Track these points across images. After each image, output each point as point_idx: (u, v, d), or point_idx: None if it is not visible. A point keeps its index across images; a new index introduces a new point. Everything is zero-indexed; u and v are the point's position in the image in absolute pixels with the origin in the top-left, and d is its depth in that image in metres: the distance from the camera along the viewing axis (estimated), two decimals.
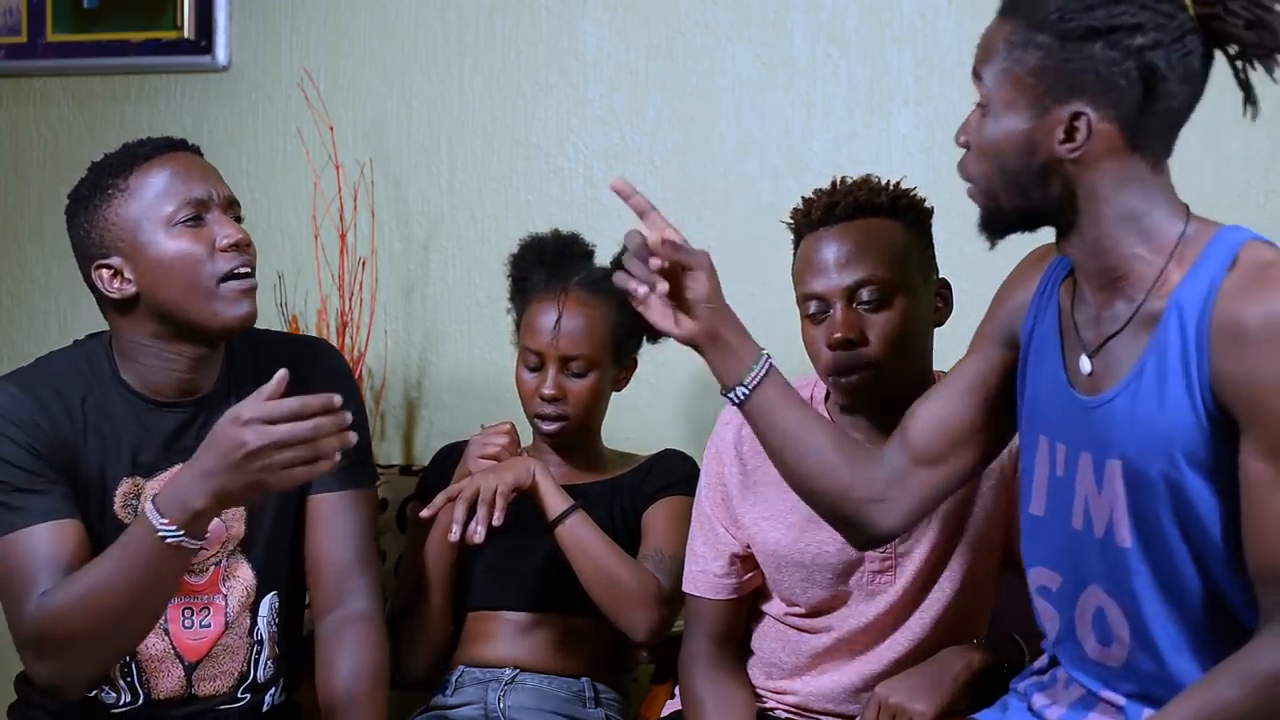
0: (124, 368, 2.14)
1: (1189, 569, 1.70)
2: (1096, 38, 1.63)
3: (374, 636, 2.20)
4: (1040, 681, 1.89)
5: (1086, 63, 1.64)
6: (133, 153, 2.12)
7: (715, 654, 2.28)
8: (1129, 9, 1.62)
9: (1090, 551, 1.77)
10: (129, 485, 2.13)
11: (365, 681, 2.17)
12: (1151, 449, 1.68)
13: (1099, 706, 1.80)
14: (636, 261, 1.87)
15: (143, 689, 2.17)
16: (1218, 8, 1.63)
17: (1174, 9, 1.63)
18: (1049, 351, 1.82)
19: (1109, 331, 1.74)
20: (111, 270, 2.09)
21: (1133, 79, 1.63)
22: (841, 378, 2.12)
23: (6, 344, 3.26)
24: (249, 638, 2.21)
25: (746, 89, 2.85)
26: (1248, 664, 1.63)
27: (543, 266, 2.52)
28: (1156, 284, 1.70)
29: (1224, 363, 1.64)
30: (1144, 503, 1.70)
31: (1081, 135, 1.66)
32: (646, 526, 2.46)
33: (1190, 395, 1.66)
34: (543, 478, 2.37)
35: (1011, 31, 1.68)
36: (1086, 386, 1.76)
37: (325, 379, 2.22)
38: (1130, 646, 1.76)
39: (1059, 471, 1.80)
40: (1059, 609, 1.85)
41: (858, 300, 2.10)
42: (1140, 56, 1.62)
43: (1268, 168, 2.61)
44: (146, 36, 3.12)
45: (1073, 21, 1.63)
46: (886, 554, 2.17)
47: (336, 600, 2.20)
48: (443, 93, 3.01)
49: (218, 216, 2.10)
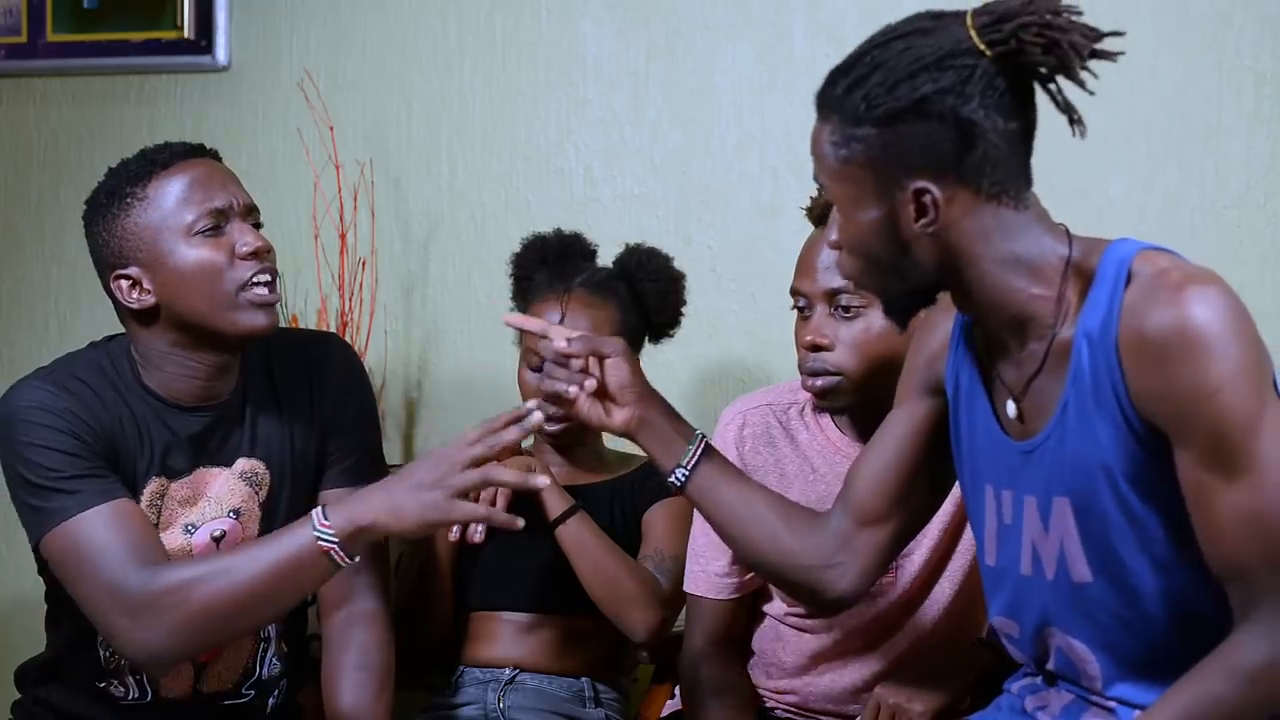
0: (145, 372, 2.13)
1: (1154, 587, 1.69)
2: (907, 115, 1.62)
3: (381, 635, 2.20)
4: (1033, 684, 1.89)
5: (908, 141, 1.63)
6: (151, 160, 2.08)
7: (716, 654, 2.27)
8: (928, 76, 1.62)
9: (1043, 594, 1.77)
10: (156, 485, 2.12)
11: (372, 681, 2.17)
12: (1092, 480, 1.67)
13: (1091, 710, 1.80)
14: (558, 368, 1.91)
15: (151, 687, 2.17)
16: (1011, 43, 1.62)
17: (973, 58, 1.62)
18: (977, 401, 1.80)
19: (1029, 372, 1.72)
20: (130, 281, 2.07)
21: (956, 139, 1.62)
22: (808, 378, 2.13)
23: (6, 344, 3.26)
24: (256, 634, 2.21)
25: (746, 89, 2.85)
26: (1230, 658, 1.62)
27: (545, 266, 2.52)
28: (1060, 315, 1.68)
29: (1140, 380, 1.62)
30: (1097, 534, 1.69)
31: (931, 209, 1.65)
32: (647, 527, 2.46)
33: (1115, 419, 1.64)
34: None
35: (831, 132, 1.68)
36: (1018, 431, 1.75)
37: (339, 375, 2.23)
38: (1104, 675, 1.76)
39: (1005, 519, 1.78)
40: (1024, 651, 1.86)
41: (836, 305, 2.10)
42: (955, 115, 1.62)
43: (1268, 168, 2.61)
44: (146, 36, 3.12)
45: (881, 107, 1.63)
46: None
47: (345, 597, 2.20)
48: (443, 93, 3.01)
49: (238, 224, 2.08)
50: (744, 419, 2.26)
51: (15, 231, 3.27)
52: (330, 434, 2.21)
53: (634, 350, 2.53)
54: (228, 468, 2.15)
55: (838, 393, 2.12)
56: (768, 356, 2.72)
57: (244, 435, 2.16)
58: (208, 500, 2.14)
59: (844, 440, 2.20)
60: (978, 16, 1.64)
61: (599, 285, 2.47)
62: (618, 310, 2.46)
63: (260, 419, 2.17)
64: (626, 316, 2.47)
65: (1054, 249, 1.69)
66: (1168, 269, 1.63)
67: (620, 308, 2.47)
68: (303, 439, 2.19)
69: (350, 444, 2.22)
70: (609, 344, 1.91)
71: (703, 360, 2.87)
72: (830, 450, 2.21)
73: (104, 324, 2.84)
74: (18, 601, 3.07)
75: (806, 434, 2.23)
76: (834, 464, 2.20)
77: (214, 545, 2.14)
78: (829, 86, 1.69)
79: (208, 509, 2.14)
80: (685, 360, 2.86)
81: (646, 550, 2.43)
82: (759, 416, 2.25)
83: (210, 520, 2.14)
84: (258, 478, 2.17)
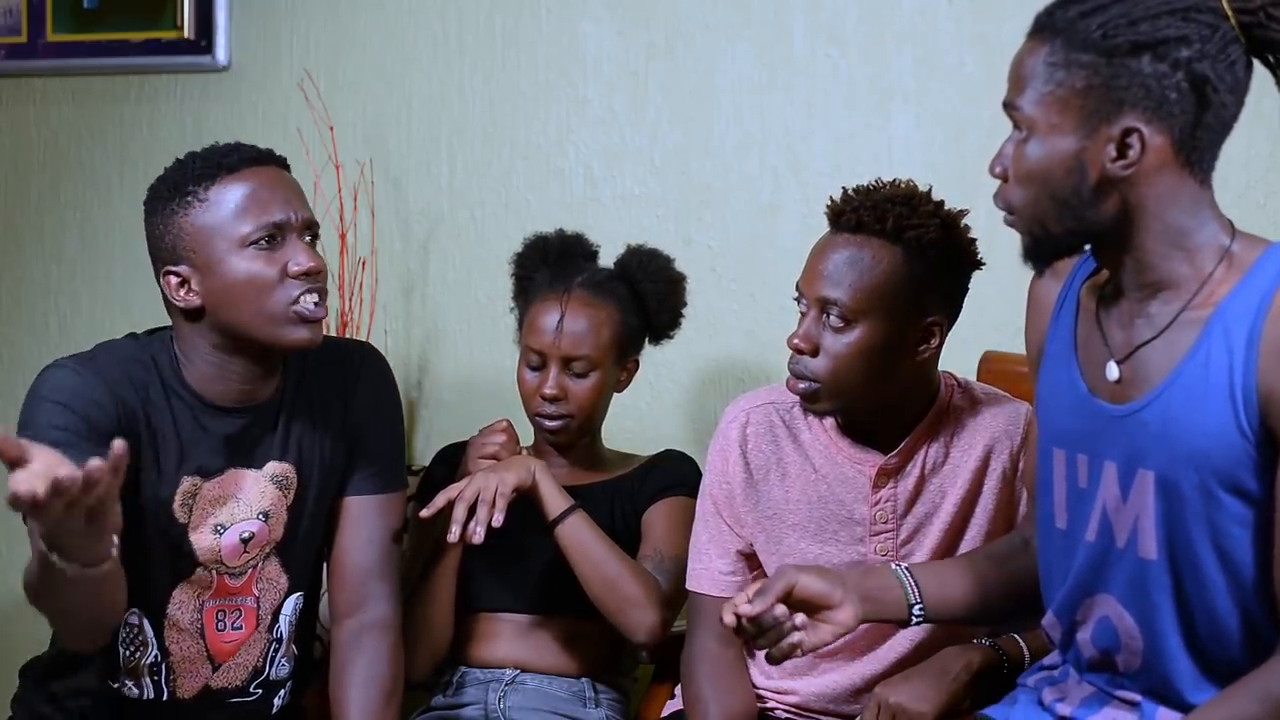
0: (186, 370, 2.12)
1: (1217, 584, 1.68)
2: (1144, 52, 1.59)
3: (392, 646, 2.22)
4: (1050, 676, 1.88)
5: (1135, 78, 1.60)
6: (218, 162, 2.06)
7: (718, 653, 2.27)
8: (1173, 22, 1.59)
9: (1106, 562, 1.75)
10: (189, 484, 2.12)
11: (380, 691, 2.18)
12: (1184, 461, 1.65)
13: (1113, 702, 1.79)
14: (770, 631, 1.84)
15: (168, 687, 2.18)
16: (1259, 15, 1.61)
17: (1216, 19, 1.60)
18: (1062, 360, 1.79)
19: (1142, 337, 1.70)
20: (179, 279, 2.06)
21: (1184, 92, 1.60)
22: (791, 378, 2.13)
23: (6, 344, 3.26)
24: (269, 634, 2.22)
25: (746, 89, 2.85)
26: (1267, 683, 1.61)
27: (546, 266, 2.52)
28: (1200, 292, 1.66)
29: (1273, 377, 1.60)
30: (1175, 515, 1.68)
31: (1134, 151, 1.62)
32: (647, 527, 2.46)
33: (1234, 411, 1.63)
34: (543, 477, 2.37)
35: (1050, 53, 1.64)
36: (1112, 394, 1.72)
37: (371, 385, 2.24)
38: (1143, 656, 1.75)
39: (1081, 483, 1.76)
40: (1059, 616, 1.85)
41: (828, 314, 2.09)
42: (1189, 68, 1.59)
43: (1268, 168, 2.61)
44: (146, 36, 3.12)
45: (1118, 38, 1.60)
46: (888, 557, 2.17)
47: (358, 604, 2.21)
48: (443, 93, 3.01)
49: (294, 241, 2.06)
50: (747, 416, 2.26)
51: (15, 231, 3.27)
52: (358, 442, 2.22)
53: (634, 351, 2.53)
54: (259, 470, 2.16)
55: (816, 398, 2.12)
56: (767, 356, 2.72)
57: (276, 438, 2.17)
58: (238, 501, 2.15)
59: (845, 442, 2.20)
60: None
61: (599, 286, 2.47)
62: (618, 311, 2.46)
63: (293, 423, 2.18)
64: (626, 317, 2.47)
65: (1217, 235, 1.68)
66: None
67: (620, 309, 2.46)
68: (333, 445, 2.20)
69: (376, 453, 2.24)
70: (783, 576, 1.85)
71: (703, 360, 2.87)
72: (833, 450, 2.21)
73: (105, 324, 2.85)
74: (19, 601, 3.06)
75: (809, 433, 2.23)
76: (836, 464, 2.20)
77: (241, 546, 2.15)
78: (1059, 9, 1.65)
79: (238, 510, 2.15)
80: (685, 360, 2.86)
81: (646, 550, 2.43)
82: (762, 414, 2.25)
83: (240, 521, 2.15)
84: (287, 481, 2.18)
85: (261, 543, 2.16)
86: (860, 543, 2.19)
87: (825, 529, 2.20)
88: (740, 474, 2.25)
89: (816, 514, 2.20)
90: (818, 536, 2.20)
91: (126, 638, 2.16)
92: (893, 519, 2.18)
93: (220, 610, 2.18)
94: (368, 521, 2.23)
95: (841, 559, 2.19)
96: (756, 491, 2.24)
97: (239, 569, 2.17)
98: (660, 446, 2.60)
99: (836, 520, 2.20)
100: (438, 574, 2.46)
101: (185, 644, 2.17)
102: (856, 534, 2.19)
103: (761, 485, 2.24)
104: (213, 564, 2.15)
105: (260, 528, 2.15)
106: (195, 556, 2.14)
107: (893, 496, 2.18)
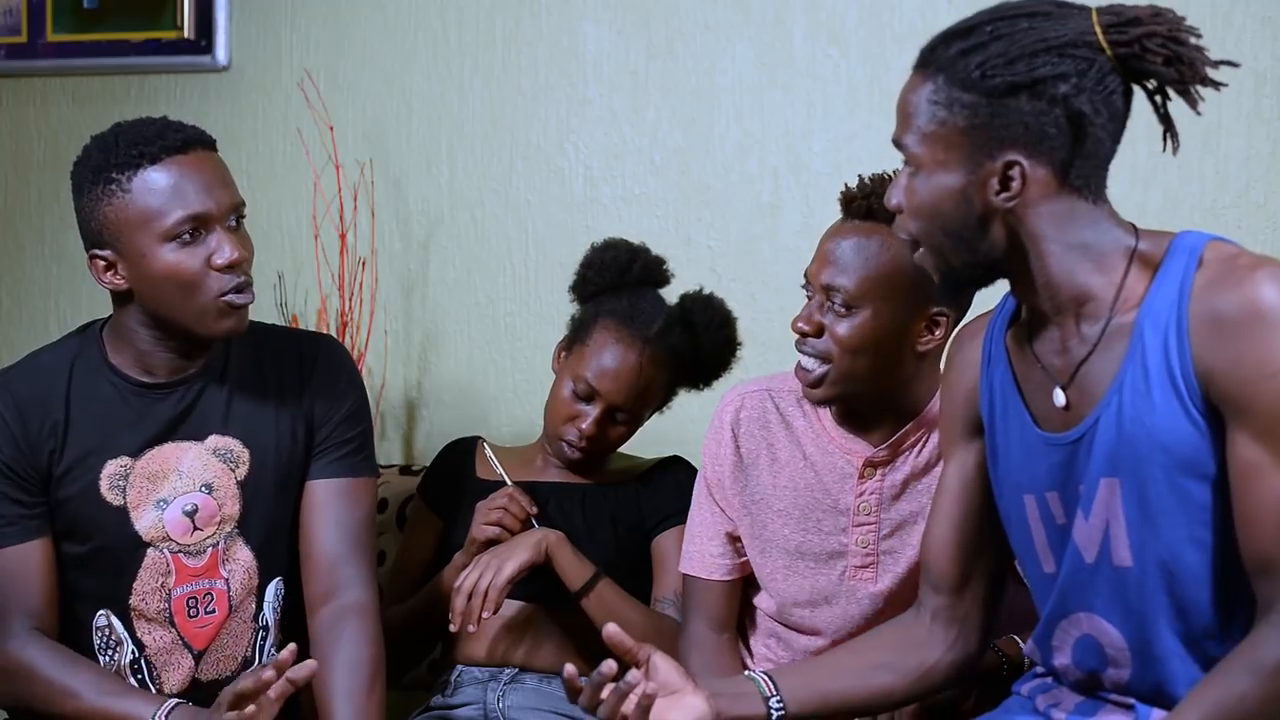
0: (118, 350, 2.15)
1: (1197, 571, 1.69)
2: (1021, 91, 1.63)
3: (371, 629, 2.19)
4: (1044, 684, 1.89)
5: (1015, 116, 1.64)
6: (140, 151, 2.05)
7: (713, 639, 2.28)
8: (1049, 59, 1.63)
9: (1075, 583, 1.77)
10: (116, 466, 2.14)
11: (363, 675, 2.16)
12: (1147, 460, 1.68)
13: (1107, 707, 1.80)
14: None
15: (153, 683, 2.18)
16: (1135, 47, 1.64)
17: (1093, 53, 1.64)
18: (1011, 409, 1.81)
19: (1080, 356, 1.73)
20: (106, 263, 2.08)
21: (1062, 126, 1.64)
22: (800, 370, 2.14)
23: (6, 344, 3.26)
24: (254, 623, 2.22)
25: (746, 89, 2.85)
26: (1253, 655, 1.63)
27: (624, 290, 2.46)
28: (1120, 299, 1.70)
29: (1206, 357, 1.64)
30: (1148, 515, 1.69)
31: (1016, 184, 1.67)
32: (658, 561, 2.45)
33: (1180, 400, 1.66)
34: (558, 549, 2.36)
35: (934, 91, 1.68)
36: (1064, 421, 1.75)
37: (330, 368, 2.23)
38: (1133, 666, 1.75)
39: (1059, 520, 1.78)
40: (1037, 644, 1.86)
41: (831, 300, 2.10)
42: (1066, 104, 1.63)
43: (1268, 168, 2.61)
44: (146, 36, 3.12)
45: (996, 78, 1.64)
46: (869, 551, 2.18)
47: (332, 591, 2.19)
48: (443, 93, 3.01)
49: (218, 232, 2.06)
50: (742, 401, 2.27)
51: (15, 231, 3.27)
52: (319, 426, 2.22)
53: (667, 399, 2.51)
54: (199, 442, 2.17)
55: (826, 382, 2.12)
56: (768, 356, 2.72)
57: (217, 412, 2.17)
58: (180, 475, 2.15)
59: (839, 431, 2.21)
60: (1103, 14, 1.66)
61: (672, 349, 2.42)
62: (675, 374, 2.46)
63: (239, 399, 2.18)
64: (679, 379, 2.47)
65: (1120, 239, 1.72)
66: (1239, 254, 1.68)
67: (678, 373, 2.46)
68: (290, 426, 2.20)
69: (340, 437, 2.23)
70: (642, 650, 1.89)
71: None
72: (824, 439, 2.21)
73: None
74: None
75: (802, 421, 2.24)
76: (827, 452, 2.21)
77: (188, 521, 2.15)
78: (941, 45, 1.69)
79: (179, 484, 2.15)
80: None
81: (663, 592, 2.42)
82: (756, 401, 2.26)
83: (182, 495, 2.15)
84: (232, 455, 2.17)
85: (212, 517, 2.16)
86: (843, 533, 2.20)
87: (809, 517, 2.20)
88: (730, 458, 2.26)
89: (802, 501, 2.21)
90: (801, 524, 2.21)
91: (102, 643, 2.17)
92: (876, 511, 2.18)
93: (191, 597, 2.17)
94: (334, 506, 2.22)
95: (823, 548, 2.20)
96: (745, 476, 2.25)
97: (194, 547, 2.16)
98: (658, 445, 2.60)
99: (821, 508, 2.20)
100: (434, 592, 2.45)
101: (157, 634, 2.17)
102: (840, 523, 2.20)
103: (751, 470, 2.24)
104: (161, 542, 2.15)
105: (205, 500, 2.14)
106: (140, 537, 2.14)
107: (878, 489, 2.18)
